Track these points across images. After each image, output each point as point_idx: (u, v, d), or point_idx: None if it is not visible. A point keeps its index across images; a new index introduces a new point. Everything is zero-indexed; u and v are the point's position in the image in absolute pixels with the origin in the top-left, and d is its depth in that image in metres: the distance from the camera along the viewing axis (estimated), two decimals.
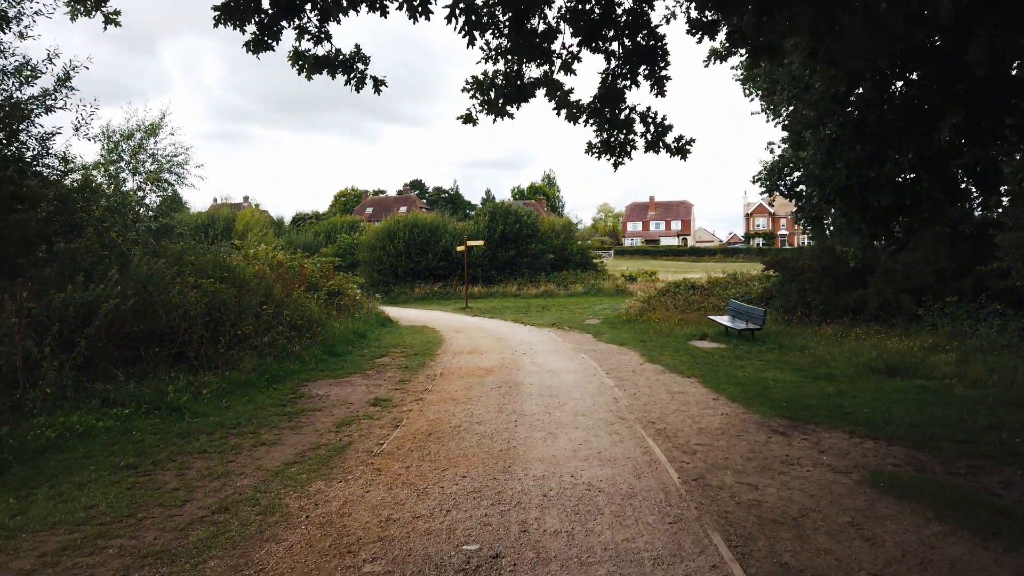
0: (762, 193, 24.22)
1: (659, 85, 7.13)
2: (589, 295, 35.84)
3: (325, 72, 6.77)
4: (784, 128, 23.06)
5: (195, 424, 8.16)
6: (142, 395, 8.77)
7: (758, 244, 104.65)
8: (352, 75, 6.87)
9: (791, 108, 21.32)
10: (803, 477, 5.78)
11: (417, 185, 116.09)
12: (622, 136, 7.34)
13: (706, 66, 17.96)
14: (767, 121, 23.96)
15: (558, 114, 7.35)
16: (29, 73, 11.01)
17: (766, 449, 6.69)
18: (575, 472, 6.05)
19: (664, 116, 7.21)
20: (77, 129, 12.02)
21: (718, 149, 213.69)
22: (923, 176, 15.85)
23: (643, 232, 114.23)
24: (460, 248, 33.17)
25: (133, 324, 9.83)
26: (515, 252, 39.35)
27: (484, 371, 12.07)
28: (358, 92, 6.86)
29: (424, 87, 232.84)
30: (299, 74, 6.78)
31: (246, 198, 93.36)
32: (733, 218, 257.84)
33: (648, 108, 7.24)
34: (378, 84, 7.08)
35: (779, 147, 24.76)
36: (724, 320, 18.05)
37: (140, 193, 24.45)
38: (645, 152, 7.34)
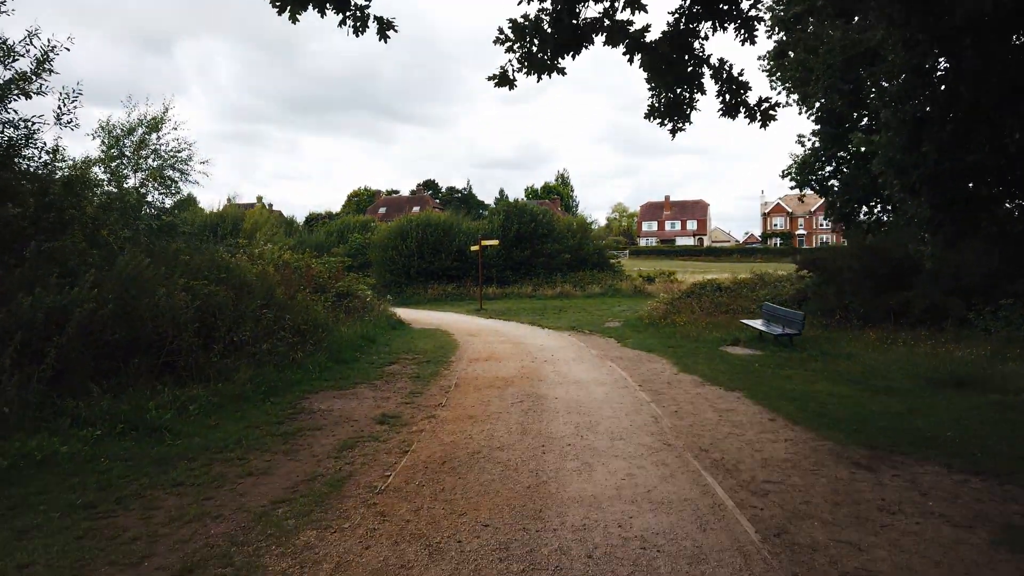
0: (792, 188, 23.04)
1: (747, 27, 5.84)
2: (607, 296, 34.70)
3: (312, 8, 5.55)
4: (817, 120, 21.84)
5: (175, 447, 7.10)
6: (118, 412, 7.71)
7: (776, 244, 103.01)
8: (348, 12, 5.63)
9: (823, 100, 20.12)
10: (914, 533, 4.62)
11: (430, 185, 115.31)
12: (686, 94, 6.10)
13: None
14: (799, 113, 22.66)
15: (630, 61, 5.96)
16: (2, 54, 10.02)
17: (853, 490, 5.53)
18: (623, 521, 4.92)
19: (742, 70, 5.96)
20: (59, 118, 11.01)
21: (732, 148, 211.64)
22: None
23: (658, 232, 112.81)
24: (474, 248, 32.12)
25: (113, 331, 8.79)
26: (530, 252, 38.25)
27: (503, 382, 10.96)
28: (358, 36, 5.71)
29: (438, 88, 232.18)
30: (280, 14, 5.54)
31: (259, 199, 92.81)
32: (748, 218, 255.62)
33: (722, 60, 6.03)
34: (384, 28, 5.88)
35: (809, 140, 23.58)
36: (758, 324, 16.85)
37: (143, 190, 23.62)
38: (721, 116, 6.16)
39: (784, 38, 23.50)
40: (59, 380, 8.00)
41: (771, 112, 6.06)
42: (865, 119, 20.19)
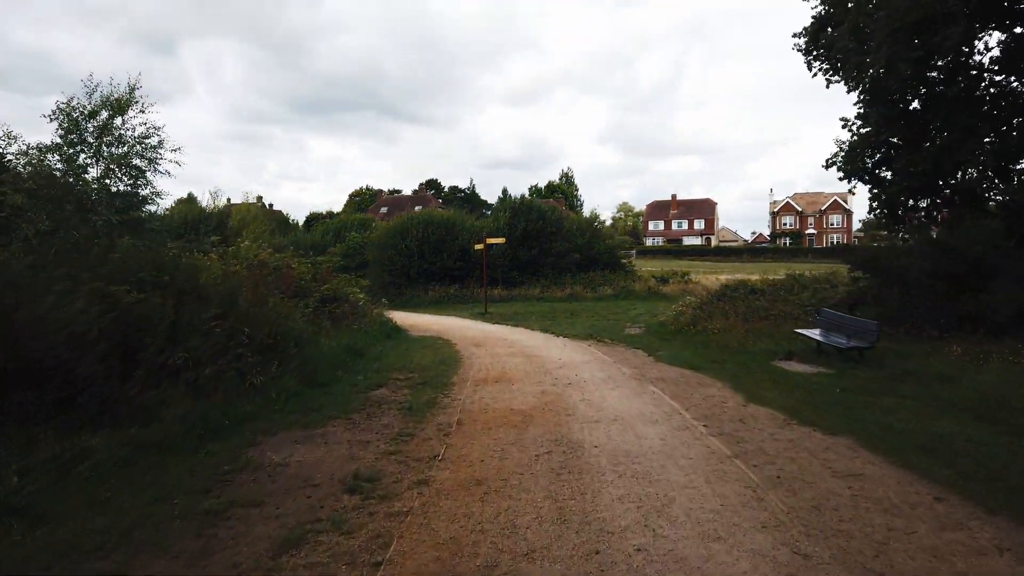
0: (841, 179, 20.34)
1: None
2: (619, 298, 32.22)
3: None
4: (868, 100, 19.18)
5: (22, 549, 4.58)
6: None
7: (785, 243, 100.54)
8: None
9: (882, 72, 17.48)
10: None
11: (433, 184, 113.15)
12: None
13: None
14: (848, 92, 20.01)
15: None
16: None
17: None
18: None
19: None
20: None
21: (737, 148, 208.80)
22: None
23: (665, 232, 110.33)
24: (478, 246, 29.55)
25: None
26: (538, 251, 35.67)
27: (520, 417, 8.40)
28: None
29: (442, 89, 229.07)
30: None
31: (259, 198, 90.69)
32: (754, 218, 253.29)
33: None
34: None
35: (855, 124, 20.92)
36: (815, 334, 14.29)
37: (107, 180, 21.11)
38: None
39: (825, 10, 20.92)
40: None
41: None
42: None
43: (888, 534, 4.57)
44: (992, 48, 16.85)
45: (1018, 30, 16.29)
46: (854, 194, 24.86)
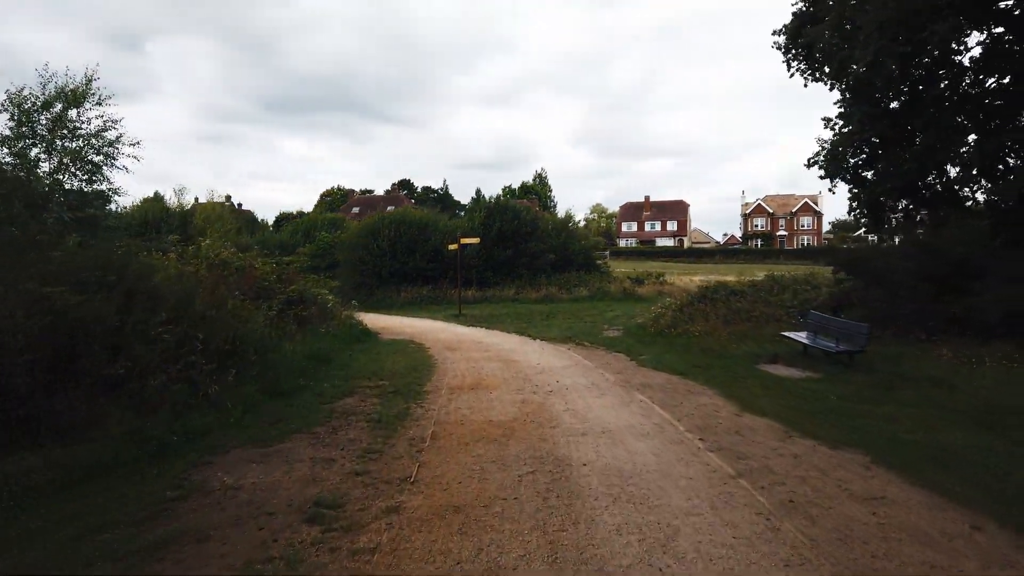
0: (823, 178, 19.97)
1: None
2: (595, 299, 31.70)
3: None
4: (849, 98, 18.83)
5: None
6: None
7: (757, 244, 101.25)
8: None
9: (864, 70, 17.12)
10: None
11: (406, 185, 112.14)
12: None
13: None
14: (830, 89, 19.70)
15: None
16: None
17: None
18: None
19: None
20: None
21: (710, 151, 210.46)
22: None
23: (638, 233, 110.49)
24: (452, 246, 28.80)
25: None
26: (513, 251, 34.99)
27: (500, 430, 7.73)
28: None
29: (416, 88, 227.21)
30: None
31: (228, 197, 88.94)
32: (726, 220, 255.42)
33: None
34: None
35: (836, 123, 20.61)
36: (801, 337, 13.85)
37: (60, 176, 20.03)
38: None
39: (806, 7, 20.60)
40: None
41: None
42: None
43: (931, 573, 3.99)
44: (972, 48, 16.60)
45: (998, 30, 16.03)
46: (833, 193, 24.65)
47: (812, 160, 20.45)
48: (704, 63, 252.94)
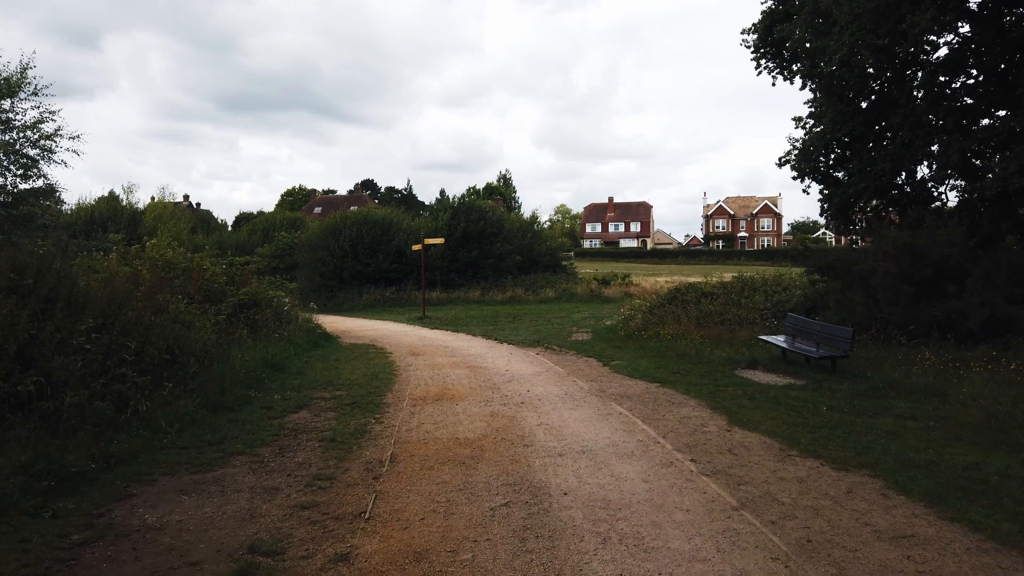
0: (795, 178, 19.58)
1: None
2: (562, 301, 31.15)
3: None
4: (822, 91, 18.39)
5: None
6: None
7: (718, 246, 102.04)
8: None
9: (835, 68, 16.69)
10: None
11: (369, 185, 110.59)
12: None
13: None
14: (801, 88, 19.35)
15: None
16: None
17: None
18: None
19: None
20: None
21: (671, 154, 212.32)
22: None
23: (602, 234, 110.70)
24: (416, 247, 27.88)
25: None
26: (479, 252, 34.17)
27: (467, 450, 6.93)
28: None
29: (379, 88, 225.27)
30: None
31: (186, 196, 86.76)
32: (687, 221, 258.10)
33: None
34: None
35: (807, 123, 20.26)
36: (779, 341, 13.30)
37: None
38: None
39: (776, 4, 20.21)
40: None
41: None
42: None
43: None
44: (940, 48, 16.33)
45: (963, 30, 15.75)
46: (807, 193, 24.32)
47: (784, 159, 20.06)
48: (665, 66, 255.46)
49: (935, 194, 17.69)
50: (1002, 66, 15.14)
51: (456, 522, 4.95)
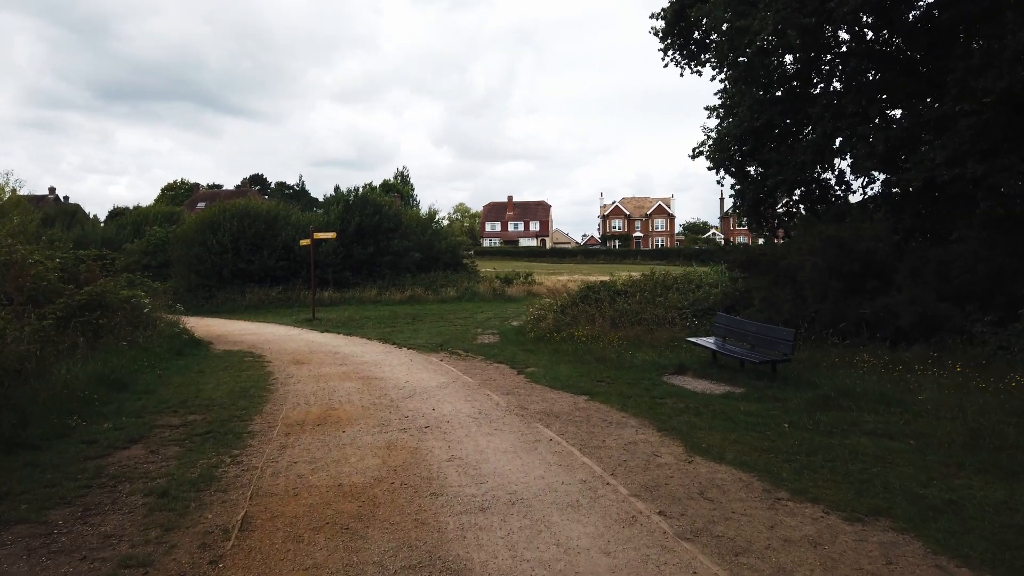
0: (710, 169, 18.66)
1: None
2: (463, 300, 29.56)
3: None
4: (740, 82, 17.51)
5: None
6: None
7: (615, 245, 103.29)
8: None
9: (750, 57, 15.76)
10: None
11: (258, 180, 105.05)
12: None
13: None
14: (712, 79, 18.48)
15: None
16: None
17: None
18: None
19: None
20: None
21: (566, 156, 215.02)
22: None
23: (501, 232, 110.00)
24: (305, 242, 25.35)
25: None
26: (375, 249, 31.85)
27: (354, 505, 5.05)
28: None
29: (268, 81, 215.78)
30: None
31: (52, 190, 79.12)
32: (583, 222, 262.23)
33: None
34: None
35: (718, 113, 19.42)
36: (709, 343, 12.09)
37: None
38: None
39: None
40: None
41: None
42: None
43: None
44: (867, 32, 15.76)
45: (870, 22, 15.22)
46: (721, 185, 23.64)
47: (697, 151, 19.13)
48: (559, 70, 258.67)
49: (854, 188, 17.21)
50: (920, 55, 14.63)
51: None
